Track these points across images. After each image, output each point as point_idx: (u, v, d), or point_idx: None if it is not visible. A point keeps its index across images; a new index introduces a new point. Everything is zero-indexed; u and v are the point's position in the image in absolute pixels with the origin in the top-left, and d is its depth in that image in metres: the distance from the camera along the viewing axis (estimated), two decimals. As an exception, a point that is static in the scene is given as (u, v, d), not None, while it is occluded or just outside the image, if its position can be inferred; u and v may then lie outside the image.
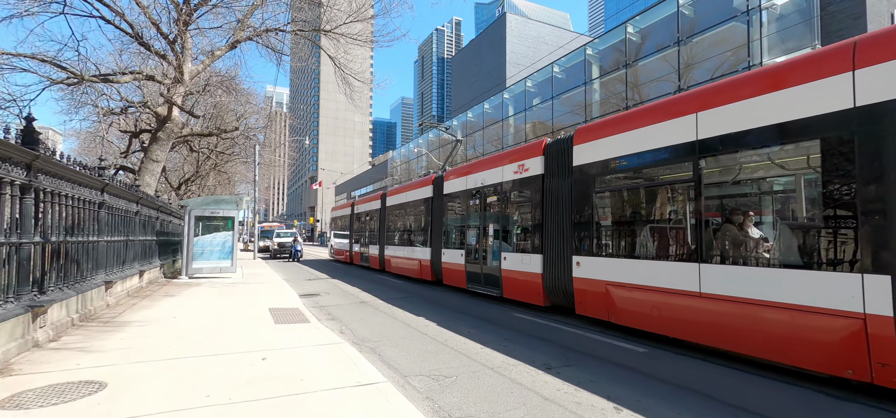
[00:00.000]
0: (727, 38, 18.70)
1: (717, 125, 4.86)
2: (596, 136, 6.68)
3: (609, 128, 6.49)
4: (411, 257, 13.78)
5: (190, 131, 24.09)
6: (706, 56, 19.35)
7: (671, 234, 5.50)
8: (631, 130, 5.98)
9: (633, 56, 22.89)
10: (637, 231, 6.03)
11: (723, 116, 4.81)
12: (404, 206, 14.84)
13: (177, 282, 12.76)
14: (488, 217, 9.70)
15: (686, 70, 21.33)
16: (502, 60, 67.06)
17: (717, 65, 19.48)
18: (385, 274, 16.72)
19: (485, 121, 34.62)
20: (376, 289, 12.27)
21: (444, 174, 12.24)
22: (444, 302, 9.90)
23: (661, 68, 21.79)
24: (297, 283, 14.08)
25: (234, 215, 14.48)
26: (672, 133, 5.34)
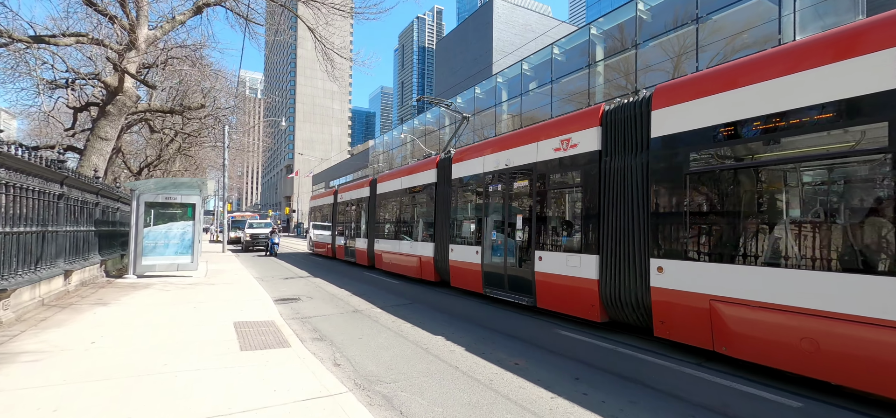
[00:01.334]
0: (748, 17, 17.34)
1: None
2: (692, 95, 4.85)
3: (715, 82, 4.68)
4: (409, 253, 11.79)
5: (147, 107, 21.26)
6: (726, 34, 17.94)
7: (845, 232, 3.72)
8: (759, 82, 4.20)
9: (640, 36, 21.39)
10: (772, 226, 4.26)
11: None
12: (399, 194, 12.78)
13: (120, 282, 10.37)
14: (516, 206, 7.81)
15: (684, 57, 19.99)
16: (489, 47, 65.13)
17: (735, 47, 18.17)
18: (375, 271, 14.66)
19: (476, 107, 32.66)
20: (369, 292, 10.24)
21: (451, 155, 10.26)
22: (459, 311, 7.98)
23: (673, 49, 20.36)
24: (271, 283, 11.88)
25: (196, 202, 12.10)
26: (847, 80, 3.58)
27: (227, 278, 11.67)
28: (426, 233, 11.10)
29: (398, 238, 12.71)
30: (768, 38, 18.16)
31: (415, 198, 11.94)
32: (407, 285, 11.38)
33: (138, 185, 11.34)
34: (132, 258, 11.30)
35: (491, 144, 8.69)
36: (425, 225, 11.21)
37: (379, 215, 14.36)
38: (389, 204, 13.69)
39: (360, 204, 16.36)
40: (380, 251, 13.95)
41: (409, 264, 11.81)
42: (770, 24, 18.63)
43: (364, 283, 11.78)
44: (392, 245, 13.00)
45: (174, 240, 11.81)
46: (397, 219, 12.97)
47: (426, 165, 11.33)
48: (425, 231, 11.18)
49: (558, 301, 6.70)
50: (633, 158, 5.53)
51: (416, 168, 11.91)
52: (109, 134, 14.91)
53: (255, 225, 27.21)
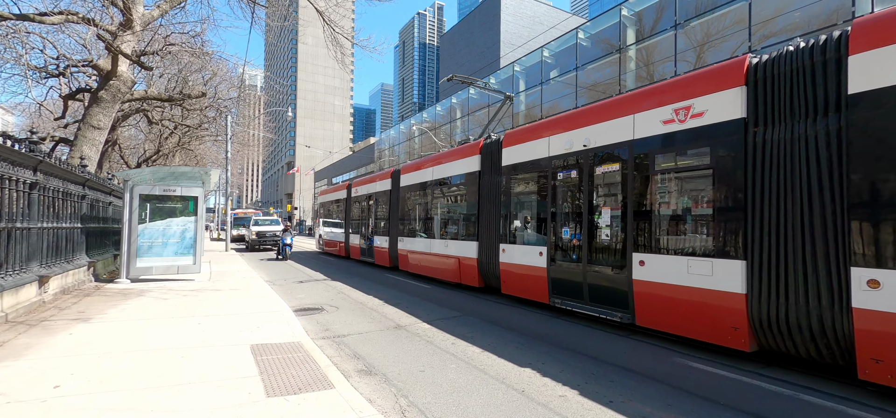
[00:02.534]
0: (778, 5, 15.76)
1: None
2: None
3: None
4: (444, 254, 10.23)
5: (144, 94, 19.71)
6: (754, 22, 16.37)
7: None
8: None
9: (660, 24, 19.83)
10: None
11: None
12: (430, 186, 11.22)
13: (111, 289, 8.82)
14: (601, 197, 6.25)
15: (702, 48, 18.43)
16: (496, 39, 63.47)
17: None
18: (399, 273, 13.11)
19: (490, 98, 31.06)
20: (403, 300, 8.70)
21: (499, 139, 8.69)
22: (527, 327, 6.44)
23: (696, 38, 18.79)
24: (285, 288, 10.33)
25: (199, 195, 10.55)
26: None
27: (234, 282, 10.13)
28: (467, 230, 9.54)
29: (429, 236, 11.16)
30: (799, 25, 16.73)
31: (451, 190, 10.38)
32: (443, 291, 9.84)
33: (131, 175, 9.79)
34: (125, 260, 9.75)
35: (558, 122, 7.12)
36: (465, 221, 9.65)
37: (404, 210, 12.80)
38: (417, 197, 12.12)
39: (379, 198, 14.79)
40: (405, 251, 12.39)
41: (444, 266, 10.25)
42: (804, 9, 17.17)
43: (392, 288, 10.23)
44: (421, 244, 11.44)
45: (173, 239, 10.27)
46: (427, 214, 11.41)
47: (465, 151, 9.76)
48: (465, 228, 9.62)
49: (673, 319, 5.14)
50: (813, 124, 3.97)
51: (452, 155, 10.33)
52: (102, 122, 13.42)
53: (262, 222, 24.74)
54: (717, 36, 19.65)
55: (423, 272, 11.44)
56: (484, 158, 9.10)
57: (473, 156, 9.39)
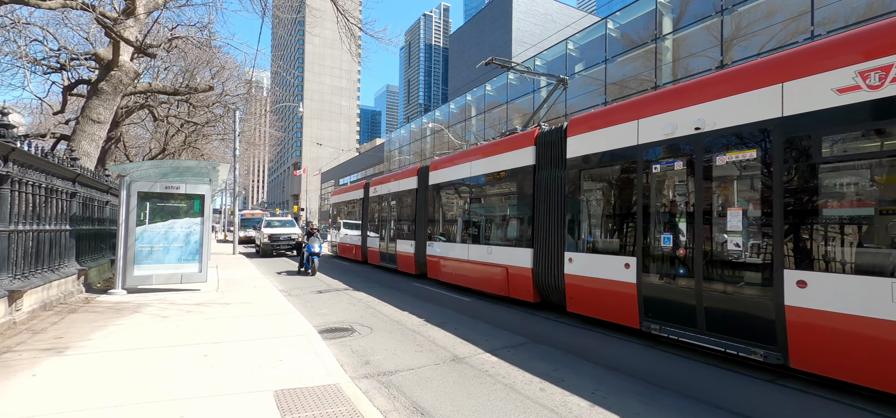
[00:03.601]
0: None
1: None
2: None
3: None
4: (486, 262, 8.83)
5: (148, 87, 18.50)
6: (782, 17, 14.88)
7: None
8: None
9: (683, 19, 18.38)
10: None
11: None
12: (468, 185, 9.83)
13: (102, 301, 7.50)
14: (727, 193, 4.83)
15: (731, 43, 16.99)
16: (507, 38, 62.08)
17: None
18: (427, 282, 11.73)
19: (509, 93, 29.65)
20: (448, 319, 7.32)
21: (563, 127, 7.29)
22: (631, 365, 5.01)
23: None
24: (304, 299, 8.96)
25: (206, 193, 9.24)
26: None
27: (245, 292, 8.78)
28: (517, 235, 8.12)
29: (466, 241, 9.76)
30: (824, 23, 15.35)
31: (495, 188, 8.98)
32: (489, 306, 8.44)
33: (129, 169, 8.48)
34: (120, 267, 8.43)
35: (650, 102, 5.70)
36: (516, 224, 8.24)
37: (434, 211, 11.41)
38: (451, 197, 10.74)
39: (402, 198, 13.42)
40: (436, 257, 11.00)
41: (487, 276, 8.85)
42: (829, 8, 15.81)
43: (427, 302, 8.84)
44: (456, 250, 10.04)
45: (176, 243, 8.95)
46: (465, 216, 10.02)
47: (514, 143, 8.36)
48: (515, 232, 8.21)
49: (864, 365, 3.70)
50: None
51: (496, 147, 8.93)
52: (103, 116, 12.20)
53: (275, 223, 21.53)
54: (746, 29, 18.26)
55: (458, 281, 10.04)
56: (540, 150, 7.69)
57: (525, 147, 7.99)
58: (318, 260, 13.08)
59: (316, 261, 12.86)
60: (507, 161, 8.42)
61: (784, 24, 17.80)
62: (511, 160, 8.33)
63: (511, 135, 8.73)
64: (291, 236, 19.97)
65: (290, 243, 19.73)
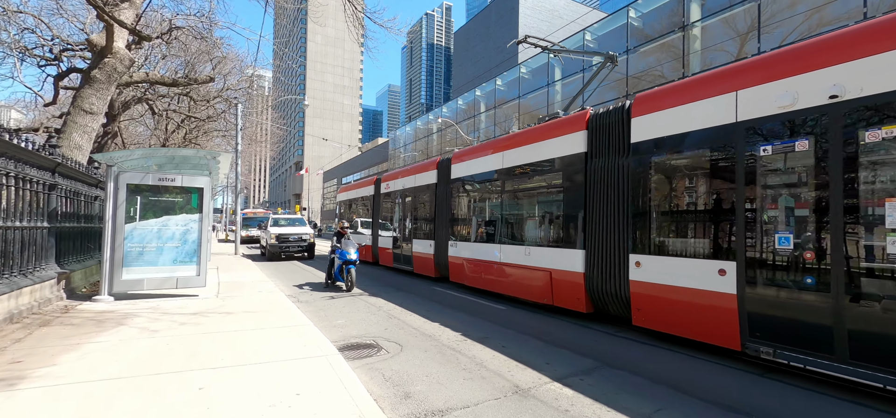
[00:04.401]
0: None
1: None
2: None
3: None
4: (525, 265, 7.73)
5: (146, 76, 17.46)
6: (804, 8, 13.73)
7: None
8: None
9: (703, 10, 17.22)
10: None
11: None
12: (498, 178, 8.74)
13: (84, 310, 6.41)
14: (887, 178, 3.72)
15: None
16: (514, 34, 60.91)
17: None
18: (449, 286, 10.64)
19: (522, 87, 28.55)
20: (491, 333, 6.24)
21: (625, 106, 6.18)
22: (747, 401, 3.93)
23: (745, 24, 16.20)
24: (316, 307, 7.86)
25: (204, 186, 8.16)
26: None
27: (249, 299, 7.69)
28: (564, 234, 7.01)
29: (498, 241, 8.67)
30: (852, 14, 14.33)
31: (534, 181, 7.86)
32: (527, 315, 7.36)
33: (116, 158, 7.39)
34: (106, 270, 7.35)
35: (753, 69, 4.60)
36: (561, 222, 7.13)
37: (458, 208, 10.32)
38: (479, 192, 9.64)
39: (419, 194, 12.33)
40: (460, 259, 9.91)
41: (525, 281, 7.75)
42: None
43: (459, 311, 7.75)
44: (486, 251, 8.95)
45: (171, 243, 7.87)
46: (497, 214, 8.92)
47: (559, 128, 7.25)
48: (561, 231, 7.10)
49: None
50: None
51: (536, 134, 7.81)
52: (96, 106, 11.16)
53: (282, 221, 18.85)
54: (767, 21, 17.21)
55: (486, 286, 8.94)
56: (594, 135, 6.59)
57: (575, 132, 6.88)
58: (354, 268, 9.68)
59: (352, 273, 9.51)
60: (551, 149, 7.31)
61: (808, 13, 16.75)
62: (556, 148, 7.22)
63: (554, 120, 7.62)
64: (302, 236, 17.50)
65: (302, 244, 17.34)
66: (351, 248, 9.71)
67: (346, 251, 9.61)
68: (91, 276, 9.11)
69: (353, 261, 9.54)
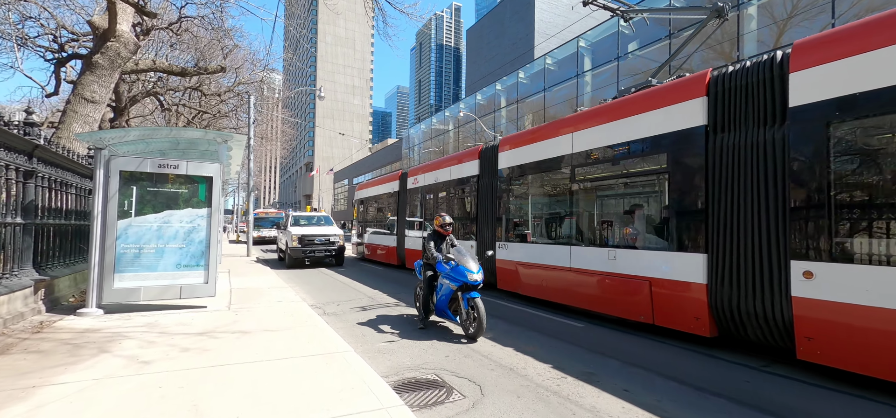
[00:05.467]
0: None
1: None
2: None
3: None
4: (612, 273, 6.16)
5: (152, 64, 16.24)
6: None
7: None
8: None
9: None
10: None
11: None
12: (563, 166, 7.19)
13: (63, 328, 5.01)
14: None
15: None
16: (530, 30, 59.34)
17: None
18: (500, 295, 9.10)
19: (547, 79, 26.93)
20: (588, 363, 4.78)
21: (779, 57, 4.58)
22: None
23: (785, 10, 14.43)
24: (348, 321, 6.38)
25: (214, 174, 6.74)
26: None
27: (268, 312, 6.25)
28: (677, 233, 5.43)
29: (566, 242, 7.12)
30: None
31: (623, 167, 6.29)
32: (618, 336, 5.84)
33: (107, 139, 6.00)
34: (94, 277, 5.96)
35: None
36: (670, 218, 5.55)
37: (507, 204, 8.80)
38: (538, 184, 8.10)
39: (457, 189, 10.84)
40: (513, 263, 8.38)
41: (611, 292, 6.18)
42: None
43: (525, 328, 6.24)
44: (550, 254, 7.40)
45: (174, 244, 6.47)
46: (567, 209, 7.37)
47: (663, 96, 5.66)
48: (671, 230, 5.53)
49: None
50: None
51: (625, 107, 6.21)
52: (98, 94, 10.00)
53: (303, 220, 15.76)
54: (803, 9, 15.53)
55: (551, 297, 7.39)
56: (719, 103, 5.02)
57: (688, 100, 5.31)
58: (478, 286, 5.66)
59: (480, 308, 5.40)
60: (648, 125, 5.75)
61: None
62: (655, 123, 5.66)
63: (650, 89, 6.06)
64: (330, 238, 14.28)
65: (330, 248, 14.28)
66: (470, 262, 5.71)
67: (465, 267, 5.59)
68: (81, 283, 7.75)
69: (476, 284, 5.57)
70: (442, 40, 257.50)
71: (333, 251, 14.20)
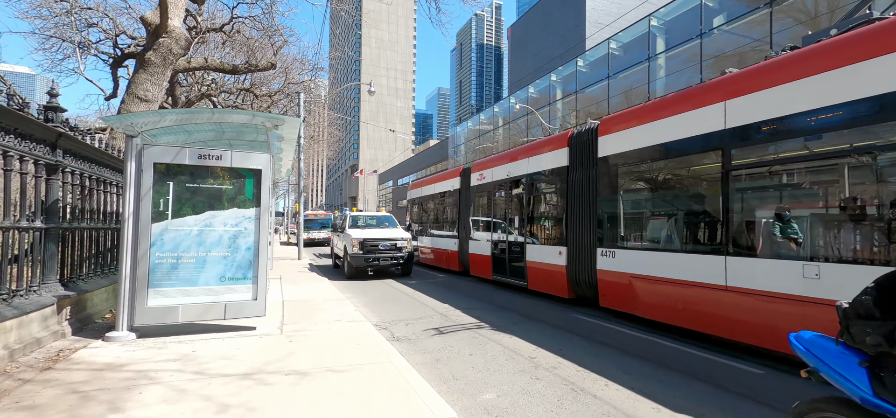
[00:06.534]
0: None
1: None
2: None
3: None
4: (820, 299, 4.23)
5: (204, 62, 15.71)
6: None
7: None
8: None
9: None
10: None
11: None
12: (712, 149, 5.32)
13: (84, 360, 3.87)
14: None
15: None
16: (581, 19, 56.12)
17: None
18: (601, 315, 7.34)
19: (611, 65, 24.49)
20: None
21: None
22: None
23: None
24: (429, 359, 4.88)
25: (263, 166, 5.50)
26: None
27: (326, 336, 4.89)
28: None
29: (711, 250, 5.25)
30: None
31: (818, 144, 4.37)
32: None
33: (138, 123, 4.91)
34: (124, 293, 4.88)
35: None
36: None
37: (613, 201, 7.00)
38: (662, 174, 6.27)
39: (539, 183, 9.16)
40: (625, 276, 6.58)
41: (812, 326, 4.27)
42: None
43: (669, 370, 4.54)
44: (687, 268, 5.55)
45: (217, 251, 5.28)
46: (716, 206, 5.50)
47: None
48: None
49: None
50: None
51: (801, 63, 4.35)
52: (150, 93, 9.30)
53: (364, 222, 13.48)
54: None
55: (694, 325, 5.52)
56: None
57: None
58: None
59: None
60: (868, 76, 3.80)
61: None
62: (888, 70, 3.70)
63: (867, 24, 4.09)
64: (396, 243, 11.90)
65: (397, 256, 11.80)
66: None
67: None
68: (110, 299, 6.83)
69: None
70: (483, 40, 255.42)
71: (401, 259, 11.91)
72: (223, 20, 17.41)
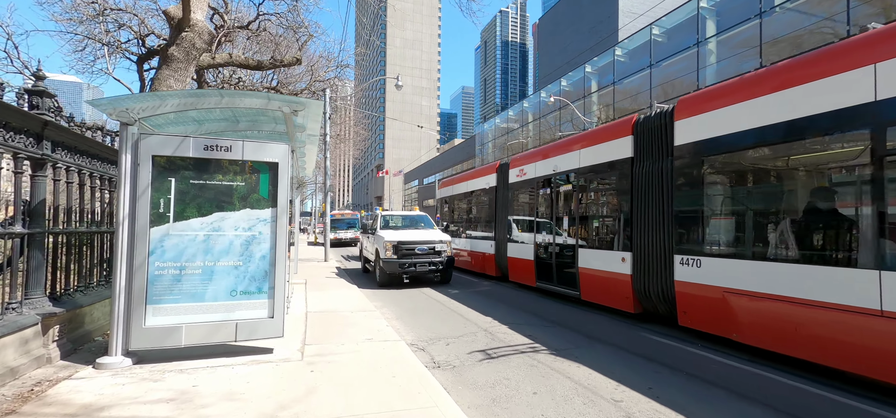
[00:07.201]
0: None
1: None
2: None
3: None
4: None
5: (228, 58, 15.20)
6: None
7: None
8: None
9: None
10: None
11: None
12: (866, 126, 4.00)
13: (57, 398, 3.04)
14: None
15: None
16: (613, 9, 53.93)
17: None
18: (676, 336, 6.15)
19: (654, 53, 22.75)
20: None
21: None
22: None
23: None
24: (484, 399, 3.84)
25: (281, 159, 4.61)
26: None
27: (353, 362, 3.93)
28: None
29: (856, 264, 3.98)
30: None
31: None
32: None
33: (135, 109, 4.11)
34: (118, 311, 4.07)
35: None
36: None
37: (697, 199, 5.75)
38: (768, 165, 5.01)
39: (594, 179, 7.97)
40: (718, 290, 5.35)
41: None
42: None
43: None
44: (828, 283, 4.27)
45: (227, 260, 4.42)
46: (867, 202, 4.22)
47: None
48: None
49: None
50: None
51: None
52: (173, 89, 8.71)
53: (396, 221, 12.55)
54: None
55: (829, 360, 4.25)
56: None
57: None
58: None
59: None
60: None
61: None
62: None
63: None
64: (435, 246, 10.50)
65: (435, 261, 10.44)
66: None
67: None
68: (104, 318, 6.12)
69: None
70: (507, 37, 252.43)
71: (441, 264, 10.45)
72: (249, 18, 17.01)
